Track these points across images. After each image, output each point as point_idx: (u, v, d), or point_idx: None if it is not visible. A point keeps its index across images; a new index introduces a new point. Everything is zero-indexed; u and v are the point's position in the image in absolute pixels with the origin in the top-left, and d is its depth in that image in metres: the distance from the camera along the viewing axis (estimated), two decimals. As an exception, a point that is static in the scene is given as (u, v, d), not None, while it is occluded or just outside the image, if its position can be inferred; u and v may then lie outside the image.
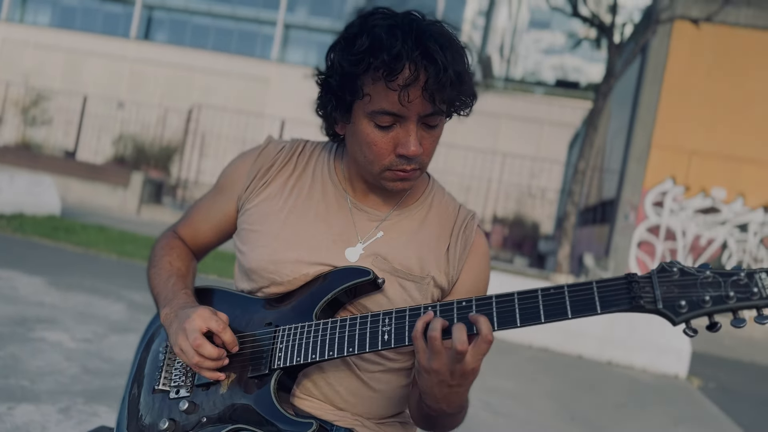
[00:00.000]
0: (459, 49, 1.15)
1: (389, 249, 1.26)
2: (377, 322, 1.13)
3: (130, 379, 1.37)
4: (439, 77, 1.09)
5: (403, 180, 1.21)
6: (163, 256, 1.40)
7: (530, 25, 71.90)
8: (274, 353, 1.19)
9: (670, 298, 0.96)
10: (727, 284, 0.94)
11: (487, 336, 1.01)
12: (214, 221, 1.42)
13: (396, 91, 1.10)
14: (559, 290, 1.02)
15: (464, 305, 1.07)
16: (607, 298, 0.99)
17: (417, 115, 1.14)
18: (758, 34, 12.20)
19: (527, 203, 24.14)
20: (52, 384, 3.30)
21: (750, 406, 5.87)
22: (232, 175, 1.39)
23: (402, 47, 1.09)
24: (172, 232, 1.48)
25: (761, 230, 12.21)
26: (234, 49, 37.66)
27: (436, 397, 1.09)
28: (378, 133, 1.16)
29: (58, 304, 4.96)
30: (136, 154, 18.35)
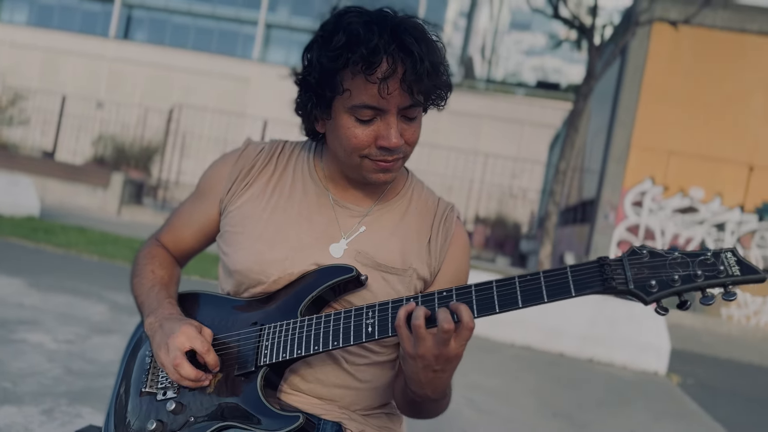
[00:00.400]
0: (433, 41, 1.18)
1: (371, 244, 1.28)
2: (361, 316, 1.15)
3: (117, 384, 1.38)
4: (416, 69, 1.12)
5: (384, 171, 1.23)
6: (145, 265, 1.41)
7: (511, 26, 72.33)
8: (260, 351, 1.20)
9: (640, 279, 1.00)
10: (695, 263, 0.99)
11: (468, 323, 1.04)
12: (196, 226, 1.42)
13: (375, 84, 1.12)
14: (536, 276, 1.06)
15: (444, 295, 1.10)
16: (580, 281, 1.03)
17: (396, 108, 1.16)
18: (735, 36, 12.39)
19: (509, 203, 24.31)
20: (34, 385, 3.27)
21: (728, 402, 5.96)
22: (213, 179, 1.39)
23: (379, 41, 1.11)
24: (155, 239, 1.49)
25: (738, 229, 12.40)
26: (215, 48, 37.48)
27: (421, 382, 1.11)
28: (359, 127, 1.18)
29: (39, 306, 4.91)
30: (116, 155, 18.19)
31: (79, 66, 33.68)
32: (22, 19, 38.90)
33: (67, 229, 9.52)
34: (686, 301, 1.00)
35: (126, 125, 20.11)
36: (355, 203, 1.32)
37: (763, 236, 12.36)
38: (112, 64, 33.68)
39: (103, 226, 11.30)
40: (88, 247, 8.28)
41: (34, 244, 7.94)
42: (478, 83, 44.88)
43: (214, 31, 39.09)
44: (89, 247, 8.24)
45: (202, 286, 6.97)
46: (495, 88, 41.60)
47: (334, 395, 1.28)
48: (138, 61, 33.48)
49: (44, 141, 19.35)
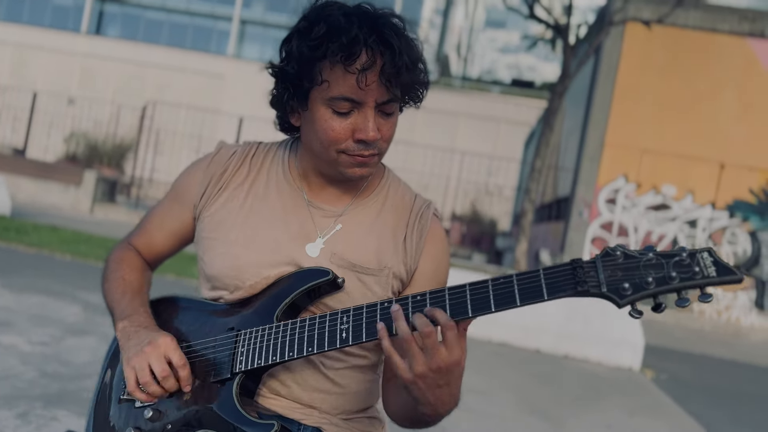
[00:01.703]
0: (411, 38, 1.19)
1: (347, 244, 1.27)
2: (335, 321, 1.14)
3: (96, 392, 1.36)
4: (395, 62, 1.12)
5: (361, 165, 1.22)
6: (115, 270, 1.40)
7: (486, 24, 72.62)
8: (235, 357, 1.19)
9: (613, 281, 0.97)
10: (669, 265, 0.96)
11: (447, 323, 1.02)
12: (168, 230, 1.41)
13: (354, 74, 1.12)
14: (509, 279, 1.04)
15: (419, 299, 1.08)
16: (553, 285, 1.00)
17: (374, 101, 1.16)
18: (707, 36, 12.59)
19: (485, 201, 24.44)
20: (8, 389, 3.22)
21: (700, 396, 6.08)
22: (185, 184, 1.38)
23: (359, 31, 1.11)
24: (126, 243, 1.47)
25: (709, 226, 12.63)
26: (189, 44, 37.09)
27: (430, 402, 1.09)
28: (336, 119, 1.17)
29: (11, 307, 4.83)
30: (89, 152, 17.93)
31: (51, 62, 33.09)
32: (-10, 13, 38.12)
33: (39, 228, 9.37)
34: (661, 304, 0.97)
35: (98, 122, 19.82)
36: (331, 202, 1.31)
37: (734, 233, 12.60)
38: (84, 59, 33.15)
39: (76, 225, 11.13)
40: (61, 246, 8.16)
41: (6, 243, 7.80)
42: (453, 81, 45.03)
43: (188, 27, 38.68)
44: (62, 247, 8.12)
45: (177, 285, 6.91)
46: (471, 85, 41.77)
47: (314, 400, 1.27)
48: (110, 57, 32.99)
49: (15, 138, 18.99)
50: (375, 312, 1.12)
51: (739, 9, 13.11)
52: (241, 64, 32.86)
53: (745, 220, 12.60)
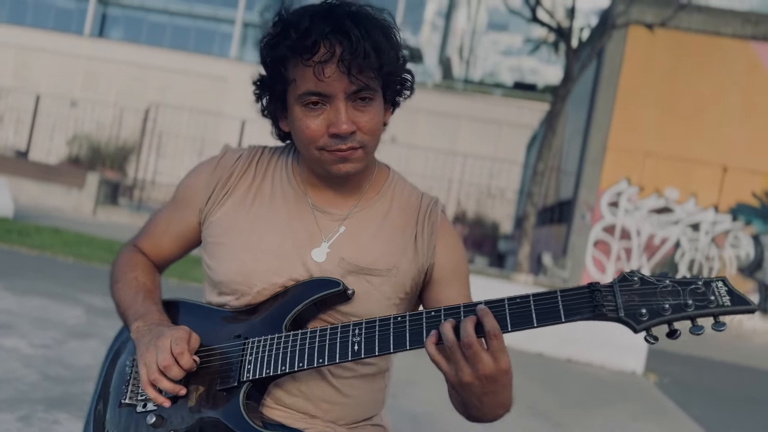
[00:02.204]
0: (378, 24, 1.16)
1: (353, 248, 1.26)
2: (347, 333, 1.13)
3: (95, 395, 1.34)
4: (353, 50, 1.10)
5: (343, 161, 1.20)
6: (126, 272, 1.38)
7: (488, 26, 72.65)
8: (243, 365, 1.18)
9: (631, 307, 0.99)
10: (685, 292, 0.98)
11: (493, 331, 1.03)
12: (174, 234, 1.40)
13: (311, 67, 1.12)
14: (525, 300, 1.05)
15: (433, 315, 1.09)
16: (570, 307, 1.02)
17: (343, 93, 1.14)
18: (709, 39, 12.58)
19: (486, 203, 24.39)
20: (10, 392, 3.22)
21: (703, 400, 6.06)
22: (191, 188, 1.37)
23: (311, 24, 1.11)
24: (132, 245, 1.46)
25: (712, 229, 12.60)
26: (191, 47, 37.14)
27: (477, 406, 1.11)
28: (310, 116, 1.17)
29: (13, 310, 4.83)
30: (91, 154, 17.94)
31: (54, 64, 33.13)
32: (-7, 16, 38.22)
33: (42, 231, 9.37)
34: (676, 330, 0.99)
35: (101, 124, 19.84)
36: (335, 205, 1.30)
37: (736, 236, 12.57)
38: (87, 62, 33.19)
39: (79, 227, 11.14)
40: (63, 248, 8.16)
41: (8, 246, 7.81)
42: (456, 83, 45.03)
43: (190, 30, 38.75)
44: (64, 249, 8.12)
45: (180, 289, 6.90)
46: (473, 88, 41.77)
47: (319, 410, 1.26)
48: (113, 59, 33.03)
49: (17, 140, 19.00)
50: (388, 325, 1.11)
51: (742, 12, 13.11)
52: (243, 67, 32.88)
53: (748, 224, 12.57)
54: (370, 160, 1.28)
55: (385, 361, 1.35)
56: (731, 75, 12.56)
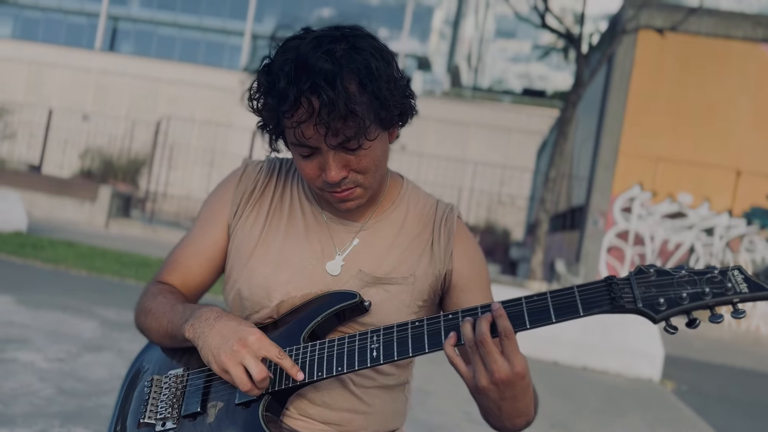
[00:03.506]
0: (362, 63, 1.11)
1: (371, 259, 1.26)
2: (365, 341, 1.13)
3: (114, 417, 1.33)
4: (330, 110, 1.07)
5: (344, 201, 1.20)
6: (153, 298, 1.31)
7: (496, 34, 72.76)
8: None
9: (649, 297, 1.00)
10: (702, 281, 0.98)
11: (506, 331, 1.02)
12: (205, 257, 1.35)
13: (291, 129, 1.12)
14: (542, 297, 1.05)
15: (450, 317, 1.08)
16: (588, 301, 1.02)
17: (329, 146, 1.12)
18: (720, 43, 12.52)
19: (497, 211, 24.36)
20: (26, 406, 3.22)
21: (722, 407, 5.98)
22: (217, 204, 1.35)
23: (287, 85, 1.08)
24: (155, 282, 1.37)
25: (727, 234, 12.49)
26: (201, 59, 37.45)
27: (495, 414, 1.10)
28: (304, 161, 1.17)
29: (28, 323, 4.84)
30: (104, 168, 18.08)
31: (65, 79, 33.47)
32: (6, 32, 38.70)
33: (55, 244, 9.43)
34: (695, 319, 0.99)
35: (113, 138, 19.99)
36: (350, 217, 1.30)
37: (751, 240, 12.46)
38: (98, 76, 33.50)
39: (92, 240, 11.20)
40: (77, 261, 8.20)
41: (22, 259, 7.86)
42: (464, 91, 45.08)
43: (200, 43, 39.07)
44: (78, 262, 8.16)
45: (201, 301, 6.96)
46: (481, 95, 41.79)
47: (342, 419, 1.25)
48: (124, 73, 33.33)
49: (30, 155, 19.19)
50: (406, 329, 1.11)
51: (753, 15, 13.04)
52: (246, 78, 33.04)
53: (763, 228, 12.46)
54: (377, 185, 1.26)
55: (405, 372, 1.34)
56: (743, 78, 12.49)
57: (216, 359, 1.12)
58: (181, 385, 1.23)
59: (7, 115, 20.71)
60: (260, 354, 1.11)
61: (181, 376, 1.25)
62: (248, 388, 1.11)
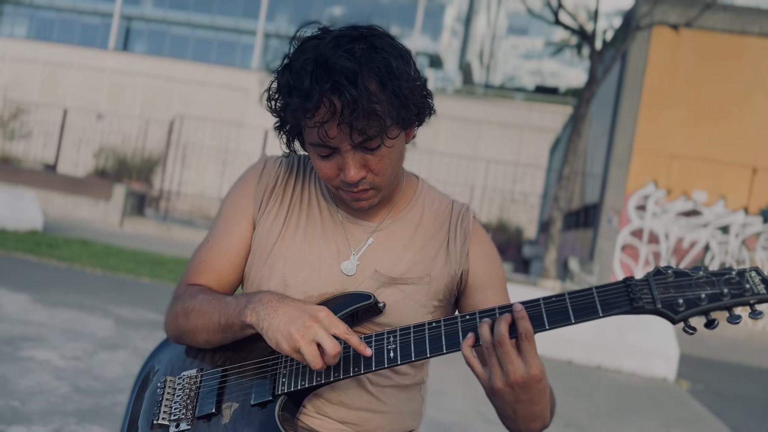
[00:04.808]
0: (381, 63, 1.11)
1: (386, 259, 1.26)
2: (382, 341, 1.13)
3: (125, 418, 1.33)
4: (352, 109, 1.07)
5: (358, 200, 1.21)
6: (193, 298, 1.25)
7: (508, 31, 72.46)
8: (277, 379, 1.17)
9: (667, 298, 1.00)
10: (720, 282, 0.99)
11: (526, 332, 1.02)
12: (235, 252, 1.31)
13: (314, 128, 1.11)
14: (561, 297, 1.05)
15: (468, 318, 1.08)
16: (607, 302, 1.03)
17: (349, 146, 1.13)
18: (735, 39, 12.39)
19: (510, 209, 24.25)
20: (42, 404, 3.25)
21: (738, 407, 5.92)
22: (241, 200, 1.34)
23: (310, 85, 1.08)
24: (186, 284, 1.32)
25: (743, 232, 12.37)
26: (214, 59, 37.58)
27: (511, 416, 1.10)
28: (322, 161, 1.18)
29: (44, 322, 4.88)
30: (118, 167, 18.17)
31: (80, 78, 33.70)
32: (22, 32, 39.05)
33: (71, 243, 9.50)
34: (714, 320, 1.00)
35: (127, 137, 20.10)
36: (366, 217, 1.30)
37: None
38: (112, 76, 33.70)
39: (106, 239, 11.28)
40: (92, 260, 8.26)
41: (38, 258, 7.93)
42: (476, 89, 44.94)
43: (213, 42, 39.22)
44: (93, 261, 8.22)
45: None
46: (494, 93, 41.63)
47: (359, 419, 1.25)
48: (138, 72, 33.51)
49: (46, 154, 19.34)
50: (423, 330, 1.11)
51: (769, 10, 12.88)
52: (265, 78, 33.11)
53: (780, 225, 12.33)
54: (391, 186, 1.26)
55: (420, 371, 1.34)
56: (758, 74, 12.36)
57: (288, 338, 1.08)
58: (195, 386, 1.23)
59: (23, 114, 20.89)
60: (331, 330, 1.09)
61: (195, 376, 1.25)
62: (320, 365, 1.08)
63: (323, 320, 1.10)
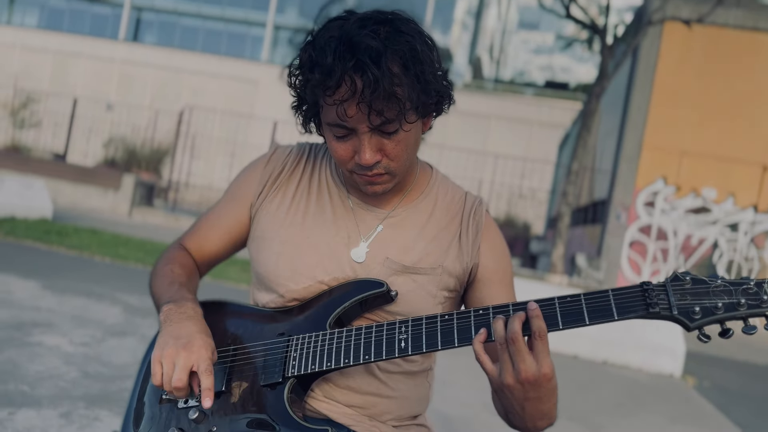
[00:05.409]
0: (406, 47, 1.10)
1: (398, 247, 1.26)
2: (393, 330, 1.13)
3: (134, 392, 1.34)
4: (373, 89, 1.07)
5: (372, 184, 1.21)
6: (164, 265, 1.38)
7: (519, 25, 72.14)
8: (287, 361, 1.18)
9: (684, 305, 1.00)
10: (738, 292, 0.99)
11: (540, 331, 1.02)
12: (223, 229, 1.39)
13: (333, 106, 1.11)
14: (576, 298, 1.05)
15: (481, 313, 1.09)
16: (623, 305, 1.03)
17: (367, 127, 1.13)
18: (748, 35, 12.30)
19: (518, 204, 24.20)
20: (52, 389, 3.28)
21: (745, 404, 5.91)
22: (243, 183, 1.38)
23: (333, 62, 1.08)
24: (178, 244, 1.45)
25: (751, 230, 12.31)
26: (223, 50, 37.56)
27: (518, 413, 1.09)
28: (338, 142, 1.17)
29: (54, 308, 4.92)
30: (127, 157, 18.22)
31: (90, 68, 33.80)
32: (32, 22, 39.14)
33: (80, 231, 9.55)
34: (729, 329, 1.00)
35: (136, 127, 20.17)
36: (377, 204, 1.30)
37: (777, 236, 12.26)
38: (122, 66, 33.79)
39: (115, 228, 11.33)
40: (101, 249, 8.31)
41: (47, 246, 7.98)
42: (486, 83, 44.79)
43: (222, 33, 39.18)
44: (101, 249, 8.27)
45: (214, 288, 6.97)
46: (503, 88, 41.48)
47: (366, 402, 1.26)
48: (147, 63, 33.57)
49: (56, 143, 19.43)
50: (435, 322, 1.11)
51: (782, 7, 12.77)
52: (274, 70, 33.12)
53: (789, 224, 12.25)
54: (405, 173, 1.26)
55: (428, 359, 1.35)
56: (771, 71, 12.27)
57: (162, 349, 1.13)
58: None
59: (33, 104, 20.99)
60: (190, 363, 1.11)
61: None
62: (158, 383, 1.13)
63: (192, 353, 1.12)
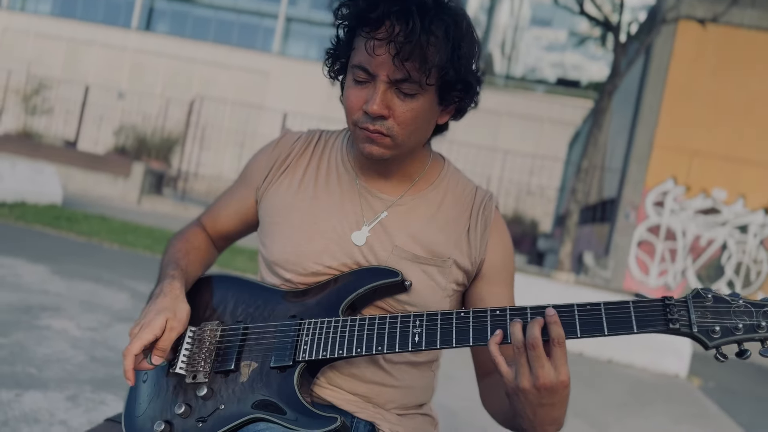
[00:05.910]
0: (449, 20, 1.12)
1: (405, 235, 1.26)
2: (407, 323, 1.13)
3: None
4: (408, 37, 1.07)
5: (370, 141, 1.18)
6: (174, 243, 1.44)
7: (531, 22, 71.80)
8: (299, 345, 1.17)
9: (704, 324, 1.00)
10: (759, 314, 0.98)
11: (558, 337, 1.01)
12: (233, 209, 1.44)
13: (363, 41, 1.12)
14: (596, 307, 1.04)
15: (498, 314, 1.08)
16: (643, 319, 1.02)
17: (387, 76, 1.12)
18: (762, 36, 12.20)
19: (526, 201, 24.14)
20: (59, 371, 3.30)
21: (749, 406, 5.89)
22: (252, 167, 1.41)
23: (382, 1, 1.10)
24: (197, 219, 1.54)
25: (761, 232, 12.24)
26: (235, 41, 37.55)
27: (529, 418, 1.07)
28: (354, 88, 1.17)
29: (62, 293, 4.96)
30: (137, 145, 18.31)
31: (102, 56, 33.90)
32: (46, 9, 39.24)
33: (89, 218, 9.61)
34: (746, 351, 0.99)
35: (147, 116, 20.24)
36: (385, 191, 1.30)
37: (787, 239, 12.19)
38: (134, 55, 33.86)
39: (124, 215, 11.39)
40: (110, 235, 8.36)
41: (57, 232, 8.02)
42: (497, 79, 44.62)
43: (234, 24, 39.18)
44: (110, 236, 8.31)
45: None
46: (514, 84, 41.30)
47: (371, 391, 1.26)
48: (159, 52, 33.64)
49: (67, 130, 19.52)
50: (450, 320, 1.11)
51: (798, 8, 12.65)
52: (285, 61, 33.14)
53: (800, 227, 12.17)
54: (409, 151, 1.25)
55: (435, 351, 1.34)
56: (785, 72, 12.16)
57: (142, 319, 1.19)
58: (215, 340, 1.24)
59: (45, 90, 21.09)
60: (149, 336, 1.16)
61: (215, 330, 1.25)
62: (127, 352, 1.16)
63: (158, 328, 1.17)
